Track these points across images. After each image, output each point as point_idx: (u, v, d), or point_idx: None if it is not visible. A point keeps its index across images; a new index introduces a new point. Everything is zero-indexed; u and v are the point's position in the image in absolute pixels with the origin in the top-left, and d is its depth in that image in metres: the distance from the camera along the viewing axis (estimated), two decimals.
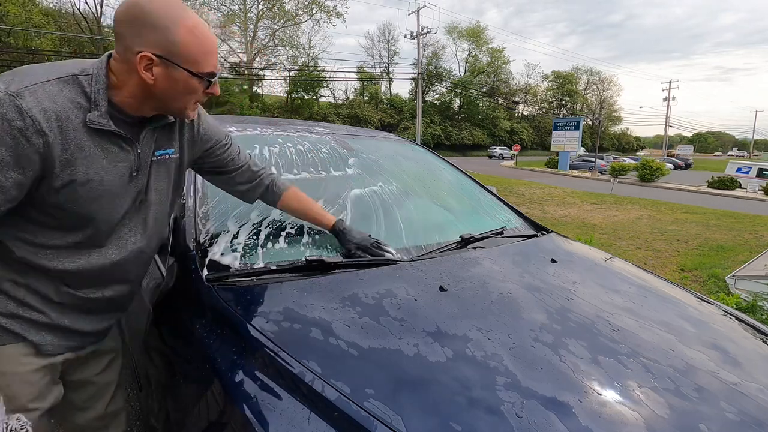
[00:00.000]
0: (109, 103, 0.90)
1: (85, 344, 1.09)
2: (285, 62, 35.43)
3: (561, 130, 28.08)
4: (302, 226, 1.39)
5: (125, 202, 0.99)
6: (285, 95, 37.14)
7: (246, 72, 32.83)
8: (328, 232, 1.36)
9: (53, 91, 0.85)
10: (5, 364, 0.98)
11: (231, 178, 1.26)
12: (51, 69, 0.88)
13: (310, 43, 37.63)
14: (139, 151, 0.98)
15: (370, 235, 1.34)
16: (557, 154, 28.32)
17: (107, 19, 28.09)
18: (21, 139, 0.82)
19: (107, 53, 0.93)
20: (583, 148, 29.21)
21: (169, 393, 1.08)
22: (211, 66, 0.94)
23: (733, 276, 4.75)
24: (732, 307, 2.44)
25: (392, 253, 1.32)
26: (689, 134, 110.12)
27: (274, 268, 1.19)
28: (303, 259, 1.23)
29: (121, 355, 1.27)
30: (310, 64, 37.44)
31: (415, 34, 27.20)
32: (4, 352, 0.97)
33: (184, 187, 1.35)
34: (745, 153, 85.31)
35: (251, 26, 33.74)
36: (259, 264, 1.20)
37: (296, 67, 36.39)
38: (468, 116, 49.12)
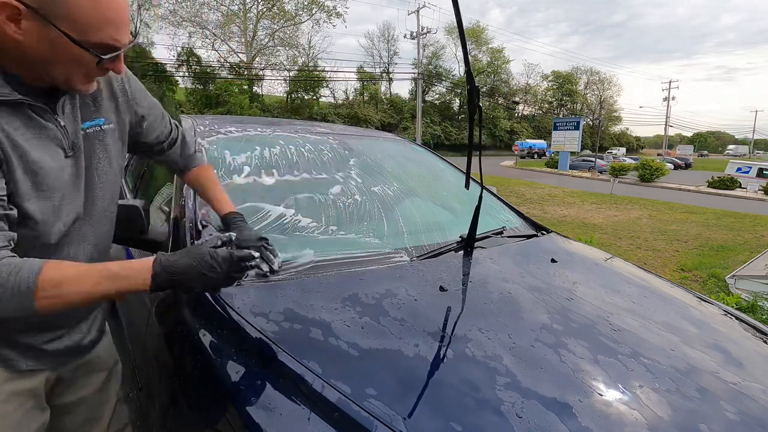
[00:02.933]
0: (2, 71, 0.75)
1: (63, 362, 0.98)
2: (285, 62, 35.48)
3: (561, 130, 28.06)
4: (302, 226, 1.39)
5: (68, 191, 0.84)
6: (285, 95, 37.14)
7: (246, 72, 32.82)
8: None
9: None
10: None
11: (172, 153, 1.17)
12: None
13: (309, 43, 37.67)
14: (62, 123, 0.83)
15: (263, 238, 1.07)
16: (557, 153, 28.34)
17: None
18: None
19: None
20: (588, 152, 29.20)
21: (170, 393, 1.08)
22: (107, 37, 0.75)
23: (733, 276, 4.76)
24: (732, 307, 2.43)
25: (270, 264, 1.03)
26: (689, 134, 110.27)
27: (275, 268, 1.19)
28: (304, 259, 1.23)
29: (120, 369, 1.18)
30: (309, 64, 37.45)
31: (415, 34, 27.20)
32: None
33: (183, 188, 1.35)
34: (745, 152, 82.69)
35: (251, 26, 33.75)
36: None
37: (296, 67, 36.41)
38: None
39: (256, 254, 0.89)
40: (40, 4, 0.69)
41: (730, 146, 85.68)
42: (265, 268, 1.01)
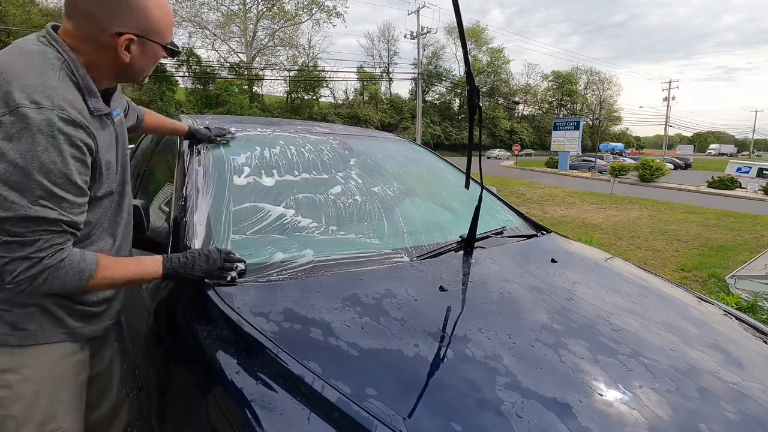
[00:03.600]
0: (96, 87, 0.92)
1: (108, 327, 1.13)
2: (285, 62, 35.47)
3: (561, 130, 28.08)
4: (303, 226, 1.39)
5: (119, 175, 1.04)
6: (285, 95, 37.13)
7: (246, 72, 32.82)
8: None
9: (66, 90, 0.85)
10: (48, 367, 0.97)
11: (128, 120, 1.28)
12: (38, 67, 0.84)
13: (309, 43, 37.73)
14: (114, 119, 1.00)
15: (209, 128, 1.54)
16: (557, 153, 28.36)
17: None
18: (84, 148, 0.85)
19: (47, 32, 0.89)
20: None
21: (170, 393, 1.08)
22: (171, 35, 0.98)
23: (733, 276, 4.75)
24: (732, 307, 2.44)
25: (212, 140, 1.52)
26: (689, 134, 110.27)
27: (275, 267, 1.19)
28: (304, 259, 1.23)
29: (118, 348, 1.28)
30: (309, 64, 37.44)
31: (415, 34, 27.19)
32: (48, 353, 0.97)
33: (183, 188, 1.35)
34: (732, 151, 77.35)
35: (251, 26, 33.75)
36: (259, 264, 1.20)
37: (296, 67, 36.40)
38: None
39: (243, 265, 1.09)
40: (143, 30, 0.90)
41: (712, 145, 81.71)
42: (213, 140, 1.52)
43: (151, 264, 1.01)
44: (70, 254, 0.88)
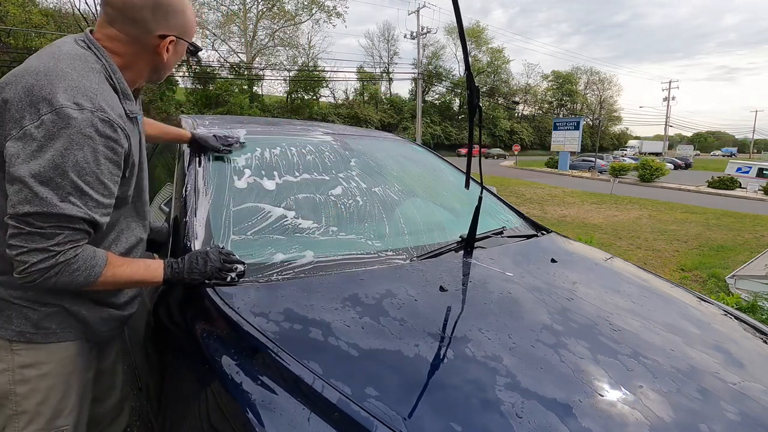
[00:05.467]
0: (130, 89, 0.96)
1: (119, 318, 1.14)
2: (285, 62, 35.46)
3: (561, 130, 28.08)
4: (303, 227, 1.38)
5: (142, 175, 1.07)
6: (285, 95, 37.12)
7: (246, 72, 32.82)
8: None
9: (106, 93, 0.89)
10: (63, 365, 1.00)
11: None
12: (81, 70, 0.88)
13: (309, 43, 37.67)
14: (139, 121, 1.03)
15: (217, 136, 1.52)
16: (557, 153, 28.35)
17: None
18: (119, 149, 0.88)
19: (86, 36, 0.93)
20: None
21: (170, 393, 1.08)
22: (194, 34, 1.05)
23: (733, 276, 4.75)
24: (732, 307, 2.43)
25: (226, 146, 1.50)
26: (689, 134, 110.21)
27: (275, 268, 1.19)
28: (304, 259, 1.23)
29: (122, 345, 1.30)
30: (309, 64, 37.43)
31: (415, 34, 27.19)
32: (65, 351, 0.99)
33: (183, 188, 1.35)
34: (734, 153, 71.35)
35: (251, 26, 33.74)
36: (260, 264, 1.20)
37: (296, 67, 36.39)
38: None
39: (242, 267, 1.09)
40: (180, 31, 0.98)
41: (680, 145, 68.87)
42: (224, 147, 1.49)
43: (155, 268, 1.03)
44: (84, 250, 0.90)
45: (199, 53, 1.09)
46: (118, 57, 0.93)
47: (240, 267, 1.08)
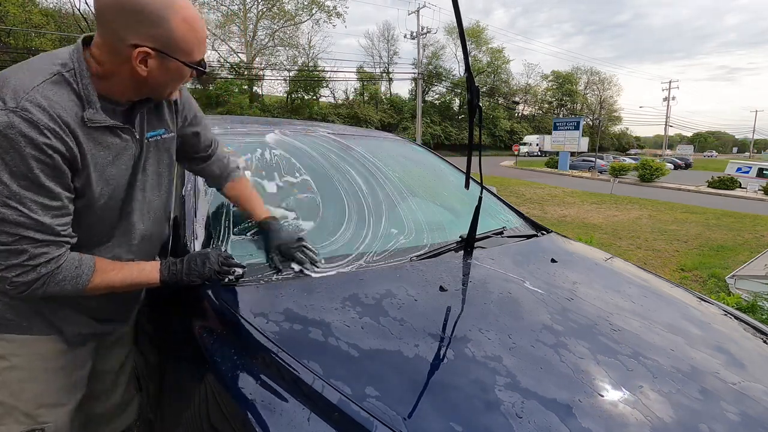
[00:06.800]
0: (98, 95, 0.88)
1: (110, 330, 1.14)
2: (285, 62, 35.46)
3: (561, 129, 28.10)
4: (302, 227, 1.38)
5: (130, 191, 1.00)
6: (285, 95, 37.12)
7: (246, 72, 32.81)
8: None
9: (48, 94, 0.82)
10: (38, 359, 0.99)
11: (212, 164, 1.25)
12: (33, 71, 0.83)
13: (309, 43, 37.65)
14: (137, 136, 0.97)
15: (300, 238, 1.24)
16: (557, 153, 28.35)
17: None
18: (49, 152, 0.80)
19: (80, 40, 0.89)
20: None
21: (170, 393, 1.08)
22: (202, 53, 0.92)
23: (733, 276, 4.75)
24: (732, 307, 2.43)
25: (313, 264, 1.20)
26: (689, 134, 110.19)
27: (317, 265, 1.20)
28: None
29: (132, 355, 1.29)
30: (310, 64, 37.43)
31: (415, 34, 27.18)
32: (38, 345, 0.99)
33: (183, 188, 1.35)
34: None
35: (251, 26, 33.74)
36: (260, 264, 1.20)
37: (296, 67, 36.39)
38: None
39: (241, 270, 1.07)
40: (161, 45, 0.85)
41: (680, 145, 67.15)
42: (308, 267, 1.18)
43: (150, 270, 1.01)
44: (67, 260, 0.88)
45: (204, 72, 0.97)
46: (99, 65, 0.87)
47: (238, 270, 1.07)
